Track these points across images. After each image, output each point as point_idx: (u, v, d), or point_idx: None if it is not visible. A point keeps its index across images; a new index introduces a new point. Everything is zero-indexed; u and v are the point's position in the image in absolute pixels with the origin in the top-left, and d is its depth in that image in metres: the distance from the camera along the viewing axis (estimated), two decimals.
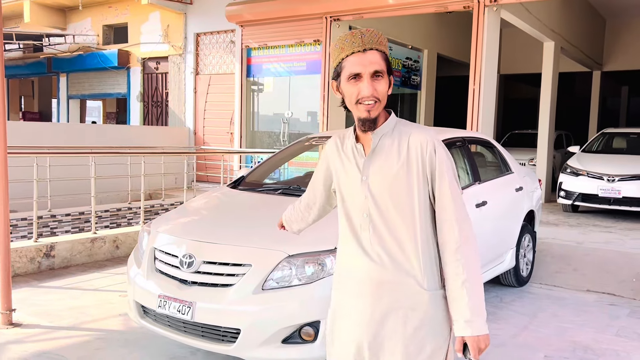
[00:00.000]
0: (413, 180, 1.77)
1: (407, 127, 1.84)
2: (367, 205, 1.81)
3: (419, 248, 1.78)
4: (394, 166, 1.78)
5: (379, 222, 1.80)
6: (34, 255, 5.53)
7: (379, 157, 1.81)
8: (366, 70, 1.73)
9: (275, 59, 10.72)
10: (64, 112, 15.97)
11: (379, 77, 1.75)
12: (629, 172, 8.38)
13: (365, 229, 1.83)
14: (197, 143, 12.31)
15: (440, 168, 1.77)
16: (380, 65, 1.75)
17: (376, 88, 1.74)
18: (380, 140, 1.82)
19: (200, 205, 4.21)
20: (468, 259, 1.74)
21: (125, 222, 8.61)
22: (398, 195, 1.78)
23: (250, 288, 3.04)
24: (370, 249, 1.81)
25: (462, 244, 1.75)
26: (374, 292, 1.80)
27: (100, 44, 14.54)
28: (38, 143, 8.63)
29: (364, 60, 1.74)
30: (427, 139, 1.79)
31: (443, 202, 1.77)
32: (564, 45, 11.08)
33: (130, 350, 3.71)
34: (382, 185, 1.80)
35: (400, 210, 1.78)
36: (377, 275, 1.80)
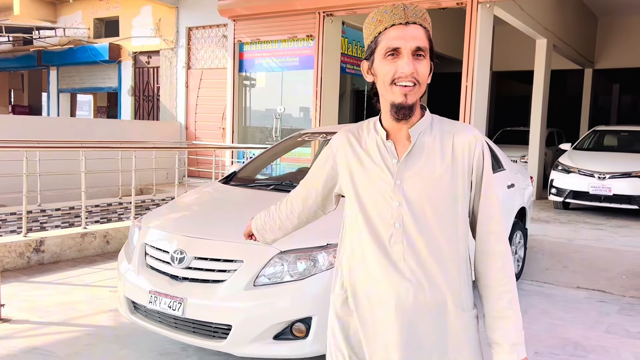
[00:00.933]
0: (458, 186, 1.55)
1: (447, 124, 1.61)
2: (401, 213, 1.54)
3: (460, 263, 1.57)
4: (437, 169, 1.54)
5: (414, 233, 1.54)
6: (23, 250, 5.48)
7: (417, 157, 1.56)
8: (407, 45, 1.48)
9: (268, 54, 10.68)
10: (54, 106, 15.84)
11: (421, 56, 1.50)
12: (620, 170, 8.43)
13: (397, 242, 1.55)
14: (188, 138, 12.25)
15: (488, 173, 1.59)
16: (424, 42, 1.50)
17: (417, 68, 1.49)
18: (419, 138, 1.57)
19: (192, 200, 4.18)
20: (512, 277, 1.58)
21: (115, 217, 8.56)
22: (440, 202, 1.54)
23: (241, 284, 3.03)
24: (404, 265, 1.55)
25: (508, 259, 1.58)
26: (407, 316, 1.55)
27: (91, 38, 14.42)
28: (28, 137, 8.56)
29: (406, 33, 1.49)
30: (475, 138, 1.58)
31: (490, 210, 1.58)
32: (557, 43, 11.12)
33: (121, 346, 3.68)
34: (421, 190, 1.54)
35: (442, 220, 1.54)
36: (412, 296, 1.54)
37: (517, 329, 1.55)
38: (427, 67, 1.52)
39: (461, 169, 1.55)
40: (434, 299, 1.54)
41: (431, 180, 1.54)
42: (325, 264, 3.06)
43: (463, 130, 1.58)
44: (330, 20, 9.73)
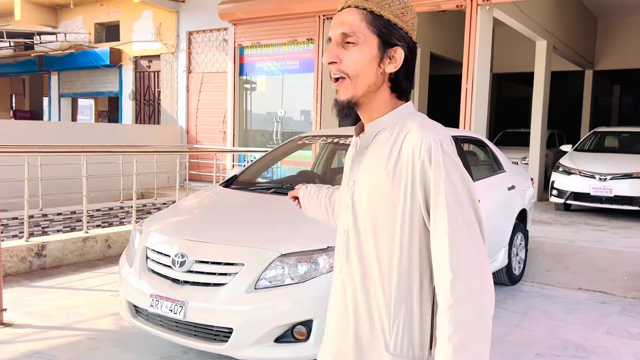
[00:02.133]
0: (398, 197, 1.25)
1: (411, 122, 1.30)
2: (347, 219, 1.35)
3: (392, 293, 1.27)
4: (380, 172, 1.28)
5: (353, 245, 1.32)
6: (25, 254, 5.49)
7: (370, 157, 1.32)
8: (334, 32, 1.29)
9: (268, 57, 10.70)
10: (56, 111, 15.87)
11: (350, 44, 1.27)
12: (621, 171, 8.43)
13: (340, 252, 1.37)
14: (189, 142, 12.26)
15: (437, 185, 1.21)
16: (353, 27, 1.26)
17: (342, 58, 1.27)
18: (377, 136, 1.33)
19: (193, 204, 4.19)
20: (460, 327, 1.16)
21: (117, 222, 8.57)
22: (377, 213, 1.28)
23: (242, 287, 3.03)
24: (340, 276, 1.37)
25: (456, 304, 1.17)
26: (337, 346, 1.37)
27: (92, 42, 14.45)
28: (29, 142, 8.57)
29: (336, 20, 1.30)
30: (422, 139, 1.23)
31: (436, 234, 1.21)
32: (557, 44, 11.12)
33: (122, 349, 3.69)
34: (365, 195, 1.31)
35: (377, 234, 1.28)
36: (341, 322, 1.36)
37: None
38: (362, 54, 1.26)
39: (404, 178, 1.25)
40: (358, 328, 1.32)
41: (372, 187, 1.29)
42: (326, 266, 3.07)
43: (417, 129, 1.27)
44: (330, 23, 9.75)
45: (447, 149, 1.24)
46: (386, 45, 1.28)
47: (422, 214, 1.25)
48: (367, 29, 1.26)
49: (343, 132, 4.93)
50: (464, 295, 1.17)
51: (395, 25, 1.28)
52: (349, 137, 4.63)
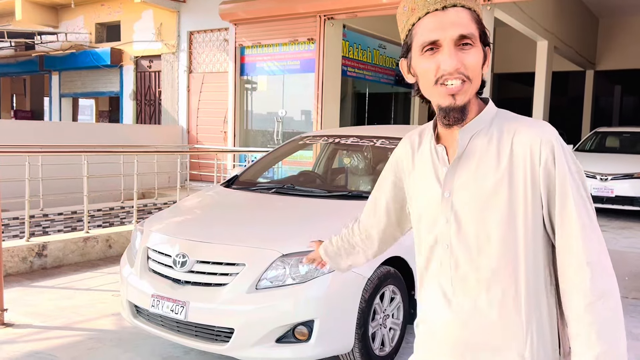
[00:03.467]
0: (519, 202, 1.20)
1: (511, 122, 1.27)
2: (449, 232, 1.27)
3: (522, 300, 1.22)
4: (489, 179, 1.22)
5: (464, 258, 1.26)
6: (26, 254, 5.49)
7: (468, 164, 1.26)
8: (447, 35, 1.19)
9: (269, 57, 10.70)
10: (56, 111, 15.87)
11: (468, 45, 1.20)
12: (622, 171, 8.42)
13: (446, 266, 1.29)
14: (190, 142, 12.26)
15: (563, 184, 1.18)
16: (468, 27, 1.20)
17: (463, 61, 1.19)
18: (471, 141, 1.26)
19: (194, 204, 4.19)
20: (604, 324, 1.16)
21: (118, 222, 8.56)
22: (494, 221, 1.22)
23: (244, 287, 3.03)
24: (452, 295, 1.29)
25: (596, 300, 1.16)
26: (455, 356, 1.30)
27: (93, 42, 14.46)
28: (30, 142, 8.57)
29: (444, 21, 1.19)
30: (541, 137, 1.20)
31: (566, 236, 1.19)
32: (558, 45, 11.12)
33: (123, 350, 3.68)
34: (471, 205, 1.24)
35: (497, 243, 1.22)
36: (460, 334, 1.28)
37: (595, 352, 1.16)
38: (478, 56, 1.22)
39: (522, 179, 1.20)
40: (483, 340, 1.25)
41: (482, 194, 1.23)
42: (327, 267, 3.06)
43: (526, 128, 1.23)
44: (331, 23, 9.74)
45: (566, 147, 1.22)
46: (485, 45, 1.25)
47: (542, 215, 1.22)
48: (476, 30, 1.22)
49: (344, 132, 4.92)
50: (604, 291, 1.17)
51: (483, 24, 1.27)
52: (350, 137, 4.62)
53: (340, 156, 5.18)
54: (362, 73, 11.32)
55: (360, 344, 3.17)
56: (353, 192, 4.05)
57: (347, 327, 3.10)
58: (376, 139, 4.46)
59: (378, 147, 4.50)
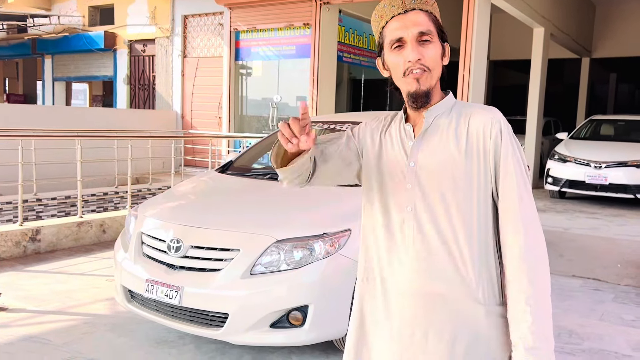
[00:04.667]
0: (473, 171, 1.46)
1: (468, 108, 1.54)
2: (413, 196, 1.49)
3: (475, 252, 1.45)
4: (450, 151, 1.47)
5: (425, 218, 1.48)
6: (19, 239, 5.47)
7: (431, 139, 1.51)
8: (409, 32, 1.45)
9: (264, 42, 10.62)
10: (50, 95, 15.75)
11: (427, 41, 1.46)
12: (616, 159, 8.45)
13: (408, 227, 1.50)
14: (184, 127, 12.21)
15: (506, 156, 1.45)
16: (426, 26, 1.46)
17: (423, 54, 1.45)
18: (434, 121, 1.52)
19: (188, 189, 4.18)
20: (535, 271, 1.40)
21: (112, 207, 8.55)
22: (453, 186, 1.46)
23: (238, 273, 3.03)
24: (413, 251, 1.49)
25: (529, 250, 1.41)
26: (415, 305, 1.49)
27: (86, 26, 14.32)
28: (23, 126, 8.51)
29: (406, 21, 1.46)
30: (492, 118, 1.48)
31: (508, 199, 1.44)
32: (554, 32, 11.09)
33: (118, 334, 3.69)
34: (433, 172, 1.48)
35: (455, 204, 1.46)
36: (421, 284, 1.48)
37: (538, 331, 1.38)
38: (436, 49, 1.47)
39: (476, 153, 1.46)
40: (443, 288, 1.46)
41: (444, 163, 1.47)
42: (322, 252, 3.07)
43: (480, 111, 1.51)
44: (327, 8, 9.67)
45: (510, 127, 1.51)
46: (442, 42, 1.51)
47: (492, 181, 1.47)
48: (434, 28, 1.48)
49: (339, 118, 4.91)
50: (534, 244, 1.42)
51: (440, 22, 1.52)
52: (345, 123, 4.61)
53: None
54: (358, 59, 11.27)
55: None
56: None
57: (341, 312, 3.11)
58: None
59: None
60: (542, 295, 1.40)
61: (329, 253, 3.08)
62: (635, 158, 8.40)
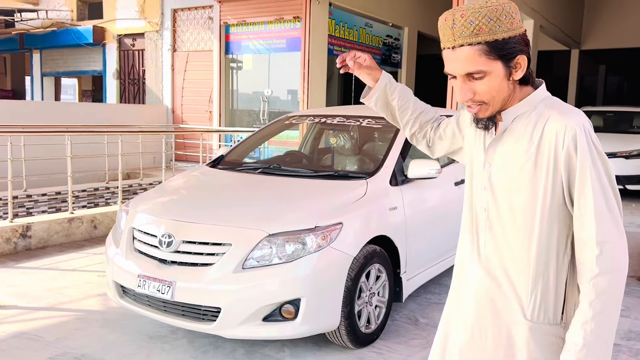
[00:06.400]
0: (540, 180, 1.37)
1: (549, 109, 1.41)
2: (486, 198, 1.48)
3: (531, 265, 1.40)
4: (521, 156, 1.40)
5: (496, 222, 1.46)
6: (9, 235, 5.44)
7: (508, 141, 1.44)
8: (456, 71, 1.38)
9: (255, 35, 10.58)
10: (38, 90, 15.62)
11: (479, 78, 1.36)
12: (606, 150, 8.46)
13: (483, 227, 1.50)
14: (175, 121, 12.16)
15: (583, 169, 1.32)
16: (475, 65, 1.34)
17: (475, 90, 1.38)
18: (513, 122, 1.44)
19: (179, 184, 4.17)
20: (602, 294, 1.30)
21: (103, 202, 8.51)
22: (519, 193, 1.40)
23: (230, 267, 3.03)
24: (484, 252, 1.49)
25: (600, 274, 1.30)
26: (478, 308, 1.50)
27: (75, 20, 14.19)
28: (12, 122, 8.44)
29: (454, 59, 1.37)
30: (566, 125, 1.34)
31: (581, 215, 1.34)
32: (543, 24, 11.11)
33: (110, 330, 3.69)
34: (503, 177, 1.43)
35: (519, 212, 1.41)
36: (484, 287, 1.49)
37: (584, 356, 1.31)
38: (492, 81, 1.36)
39: (546, 162, 1.36)
40: (501, 295, 1.45)
41: (513, 169, 1.41)
42: (314, 246, 3.08)
43: (558, 115, 1.37)
44: (317, 1, 9.64)
45: (592, 136, 1.36)
46: (509, 61, 1.36)
47: (562, 195, 1.37)
48: (488, 60, 1.34)
49: (330, 111, 4.91)
50: (608, 267, 1.31)
51: (510, 38, 1.35)
52: (336, 117, 4.61)
53: (327, 136, 5.17)
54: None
55: (346, 321, 3.20)
56: (339, 172, 4.05)
57: (333, 305, 3.13)
58: (362, 118, 4.45)
59: (364, 126, 4.50)
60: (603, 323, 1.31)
61: (321, 246, 3.09)
62: (625, 149, 8.46)
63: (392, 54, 11.96)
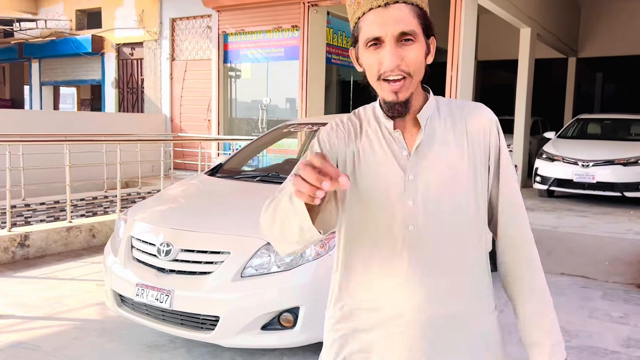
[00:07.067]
0: (477, 175, 1.33)
1: (455, 105, 1.37)
2: (414, 213, 1.29)
3: (484, 262, 1.38)
4: (452, 158, 1.31)
5: (432, 235, 1.30)
6: (7, 245, 5.43)
7: (430, 146, 1.31)
8: (388, 31, 1.21)
9: (253, 44, 10.62)
10: (37, 99, 15.64)
11: (409, 41, 1.23)
12: (603, 158, 8.53)
13: (410, 247, 1.29)
14: (173, 130, 12.17)
15: (505, 156, 1.37)
16: (410, 24, 1.22)
17: (404, 57, 1.22)
18: (428, 125, 1.32)
19: (178, 193, 4.17)
20: (541, 268, 1.42)
21: (101, 211, 8.50)
22: (461, 197, 1.31)
23: (228, 275, 3.03)
24: (421, 273, 1.30)
25: (535, 250, 1.41)
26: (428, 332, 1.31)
27: (74, 30, 14.23)
28: (10, 131, 8.44)
29: (386, 18, 1.22)
30: (489, 120, 1.35)
31: (513, 197, 1.38)
32: (540, 32, 11.17)
33: (108, 339, 3.67)
34: (438, 185, 1.30)
35: (463, 216, 1.32)
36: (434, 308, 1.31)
37: (556, 326, 1.40)
38: (420, 50, 1.25)
39: (478, 155, 1.33)
40: (459, 306, 1.33)
41: (448, 172, 1.30)
42: (312, 254, 3.08)
43: (475, 111, 1.36)
44: (315, 10, 9.68)
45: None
46: (428, 37, 1.29)
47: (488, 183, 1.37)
48: (418, 25, 1.25)
49: (328, 119, 4.91)
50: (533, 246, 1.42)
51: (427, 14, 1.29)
52: None
53: None
54: (347, 60, 11.28)
55: None
56: None
57: None
58: None
59: None
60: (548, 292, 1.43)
61: (319, 254, 3.09)
62: (622, 156, 8.48)
63: None
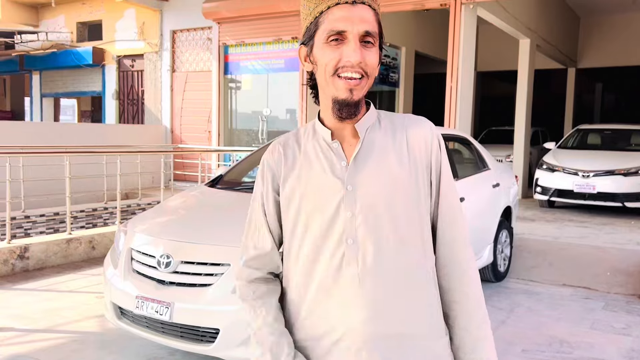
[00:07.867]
0: (419, 187, 1.30)
1: (397, 117, 1.36)
2: (353, 227, 1.25)
3: (429, 280, 1.32)
4: (392, 169, 1.28)
5: (372, 249, 1.24)
6: (7, 257, 5.42)
7: (369, 157, 1.29)
8: (354, 28, 1.21)
9: (253, 56, 10.67)
10: (38, 111, 15.67)
11: (370, 43, 1.24)
12: (603, 168, 8.52)
13: (350, 263, 1.24)
14: (174, 141, 12.18)
15: (446, 171, 1.35)
16: (373, 26, 1.23)
17: (365, 57, 1.22)
18: (367, 135, 1.30)
19: (178, 204, 4.16)
20: (480, 289, 1.38)
21: (101, 223, 8.48)
22: (401, 208, 1.27)
23: (229, 287, 3.02)
24: (362, 291, 1.24)
25: (475, 269, 1.38)
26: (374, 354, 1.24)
27: (74, 42, 14.29)
28: (11, 142, 8.45)
29: (353, 15, 1.22)
30: (431, 132, 1.33)
31: (453, 214, 1.35)
32: (540, 43, 11.22)
33: (108, 352, 3.65)
34: (377, 196, 1.26)
35: (405, 228, 1.27)
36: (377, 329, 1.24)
37: (492, 347, 1.37)
38: (377, 55, 1.26)
39: (420, 167, 1.31)
40: (398, 330, 1.25)
41: (388, 183, 1.27)
42: None
43: (416, 124, 1.34)
44: None
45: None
46: (381, 45, 1.29)
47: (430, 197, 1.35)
48: (377, 30, 1.26)
49: None
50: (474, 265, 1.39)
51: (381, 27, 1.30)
52: None
53: None
54: None
55: None
56: None
57: None
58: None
59: None
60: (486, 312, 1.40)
61: None
62: (623, 166, 8.48)
63: (390, 73, 12.03)
